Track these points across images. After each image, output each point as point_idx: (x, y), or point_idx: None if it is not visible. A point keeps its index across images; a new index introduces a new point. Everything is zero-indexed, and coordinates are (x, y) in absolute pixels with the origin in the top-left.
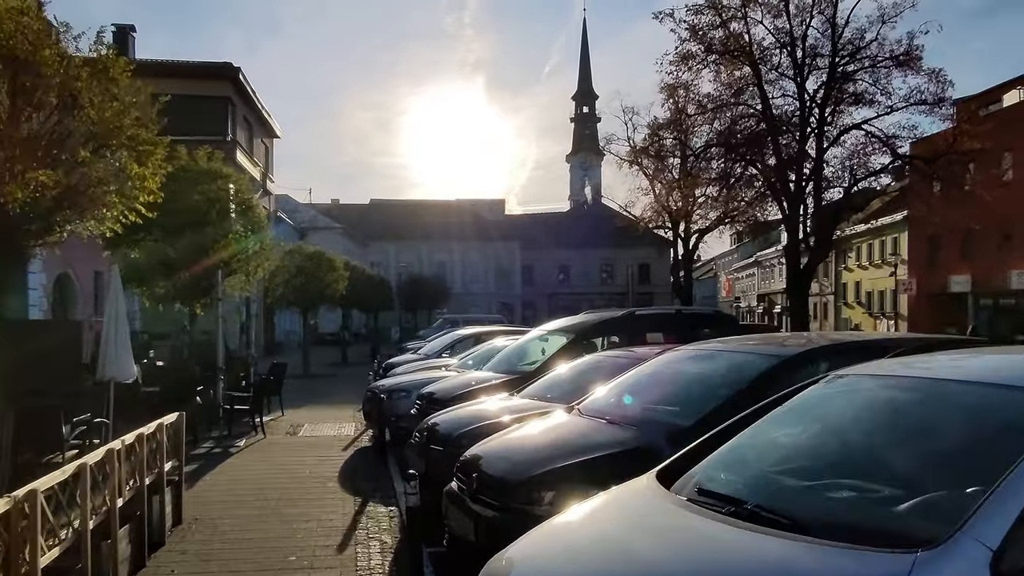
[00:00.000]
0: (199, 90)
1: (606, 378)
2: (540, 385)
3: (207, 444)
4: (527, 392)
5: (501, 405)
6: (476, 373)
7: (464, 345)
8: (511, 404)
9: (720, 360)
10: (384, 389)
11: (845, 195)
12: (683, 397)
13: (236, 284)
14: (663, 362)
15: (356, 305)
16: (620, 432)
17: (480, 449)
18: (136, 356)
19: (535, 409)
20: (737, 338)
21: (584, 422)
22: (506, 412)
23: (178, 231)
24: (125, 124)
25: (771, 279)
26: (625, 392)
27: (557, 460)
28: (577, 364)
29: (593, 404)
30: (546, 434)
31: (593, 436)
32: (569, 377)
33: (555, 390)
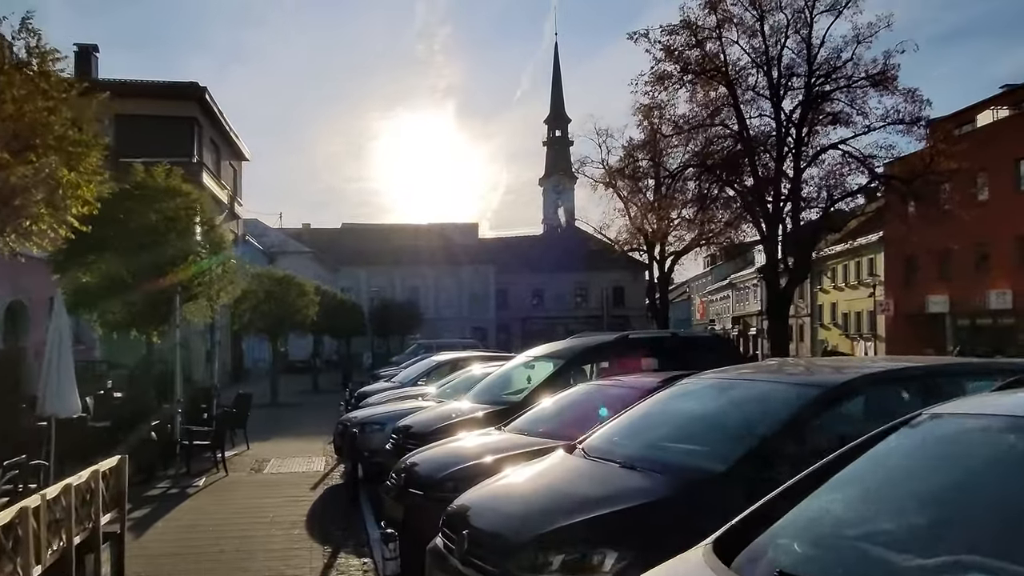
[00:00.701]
0: (164, 110)
1: (607, 410)
2: (530, 418)
3: (163, 484)
4: (516, 426)
5: (489, 441)
6: (456, 404)
7: (440, 372)
8: (500, 440)
9: (745, 390)
10: (356, 421)
11: (823, 215)
12: (710, 435)
13: (197, 310)
14: (677, 393)
15: (327, 331)
16: (639, 479)
17: (471, 498)
18: (92, 387)
19: (528, 446)
20: (754, 365)
21: (592, 465)
22: (495, 450)
23: (133, 252)
24: (53, 123)
25: (746, 301)
26: (637, 429)
27: (567, 515)
28: (570, 394)
29: (600, 443)
30: (550, 480)
31: (607, 483)
32: (562, 409)
33: (547, 424)
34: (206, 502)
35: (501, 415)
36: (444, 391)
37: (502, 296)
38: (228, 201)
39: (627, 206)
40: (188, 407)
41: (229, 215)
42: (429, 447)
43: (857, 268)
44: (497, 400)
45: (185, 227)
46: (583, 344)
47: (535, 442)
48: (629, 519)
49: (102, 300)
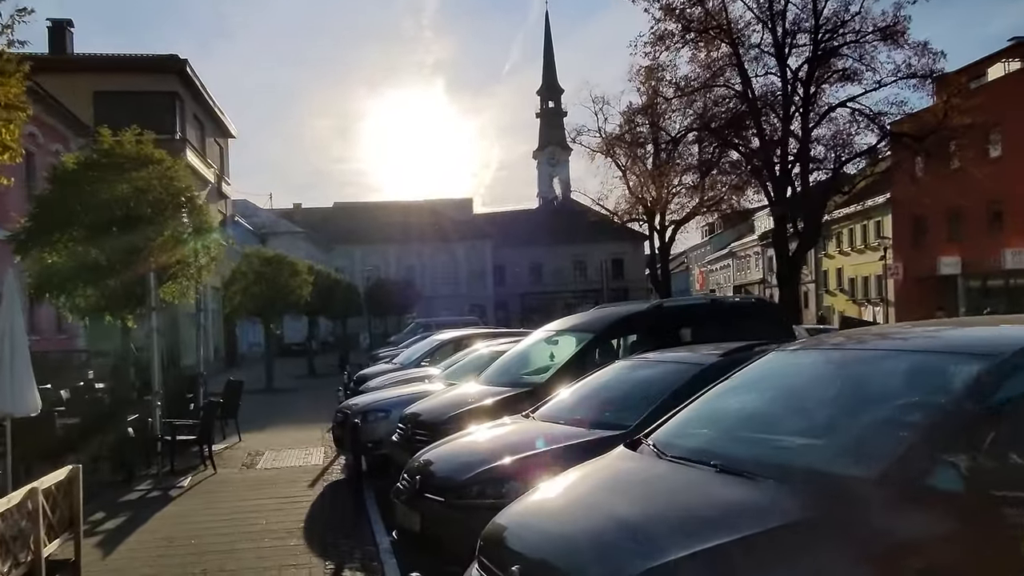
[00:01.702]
0: (143, 85)
1: (659, 392)
2: (563, 403)
3: (143, 486)
4: (547, 413)
5: (518, 433)
6: (468, 387)
7: (444, 352)
8: (531, 431)
9: (888, 363)
10: (358, 409)
11: (833, 175)
12: (852, 430)
13: (177, 291)
14: (771, 369)
15: (322, 312)
16: (753, 492)
17: (517, 517)
18: (72, 378)
19: (569, 439)
20: (875, 330)
21: (675, 470)
22: (529, 445)
23: (103, 228)
24: None
25: (747, 270)
26: (727, 417)
27: (666, 545)
28: (608, 373)
29: (677, 437)
30: (622, 490)
31: (707, 497)
32: (601, 391)
33: (585, 410)
34: (190, 507)
35: (523, 399)
36: (452, 372)
37: (499, 272)
38: (215, 180)
39: (626, 175)
40: (173, 398)
41: (216, 194)
42: (445, 441)
43: (864, 231)
44: (516, 382)
45: (160, 198)
46: (612, 315)
47: (576, 433)
48: (763, 552)
49: (70, 282)
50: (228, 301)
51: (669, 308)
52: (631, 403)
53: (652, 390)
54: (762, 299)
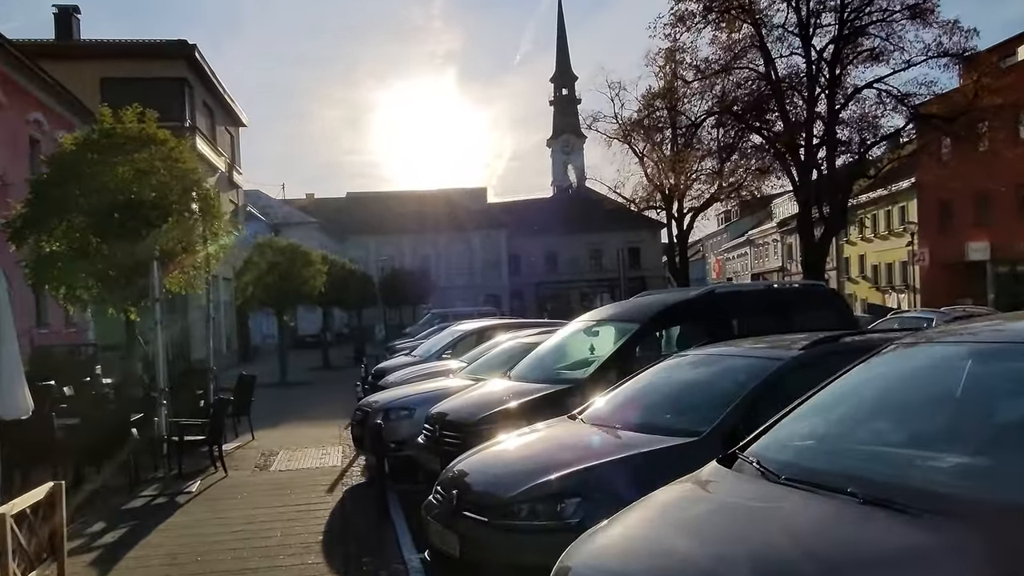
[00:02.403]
0: (151, 71)
1: (732, 392)
2: (616, 403)
3: (148, 492)
4: (597, 414)
5: (566, 439)
6: (499, 383)
7: (466, 344)
8: (581, 437)
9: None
10: (379, 406)
11: (859, 158)
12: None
13: (182, 281)
14: (902, 366)
15: (337, 303)
16: (920, 534)
17: (589, 558)
18: (79, 373)
19: (633, 447)
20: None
21: (801, 501)
22: (583, 455)
23: (103, 214)
24: None
25: (765, 258)
26: (853, 430)
27: None
28: (665, 370)
29: (786, 453)
30: (732, 528)
31: (858, 544)
32: (661, 391)
33: (644, 411)
34: (198, 516)
35: (563, 398)
36: (478, 367)
37: (515, 262)
38: (226, 168)
39: (643, 161)
40: (182, 395)
41: (227, 183)
42: (483, 448)
43: (887, 217)
44: (553, 378)
45: (164, 181)
46: (659, 303)
47: (638, 441)
48: None
49: (69, 272)
50: (240, 292)
51: (722, 295)
52: (700, 405)
53: (724, 390)
54: (821, 286)
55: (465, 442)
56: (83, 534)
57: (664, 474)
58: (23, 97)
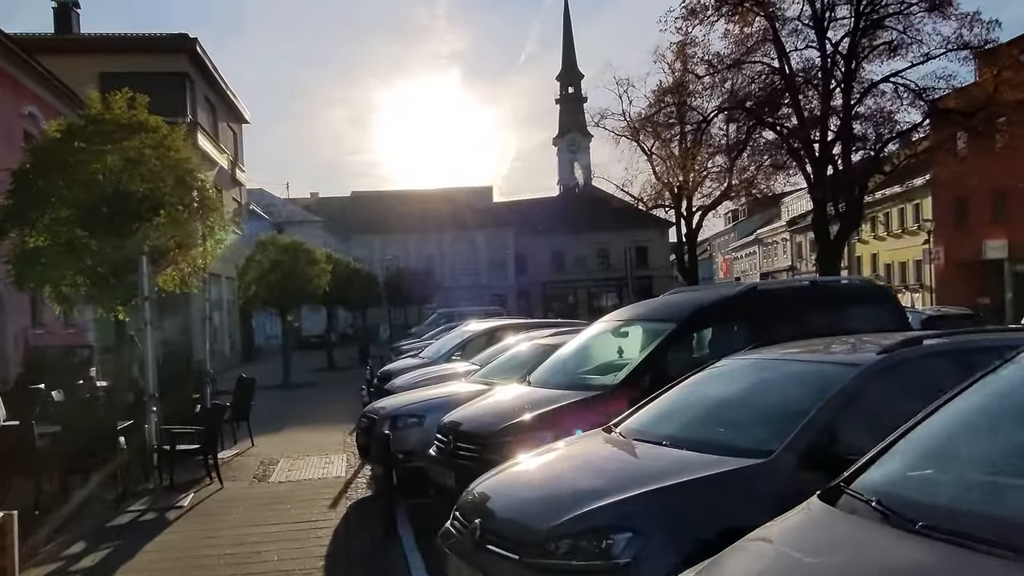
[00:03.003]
0: (151, 66)
1: (801, 404)
2: (659, 415)
3: (137, 505)
4: (637, 427)
5: (612, 457)
6: (517, 389)
7: (476, 345)
8: (628, 454)
9: None
10: (386, 413)
11: (875, 154)
12: None
13: (176, 278)
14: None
15: (341, 303)
16: None
17: None
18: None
19: (691, 468)
20: None
21: (956, 558)
22: (631, 477)
23: (90, 206)
24: None
25: (774, 256)
26: (1006, 456)
27: None
28: (715, 377)
29: (923, 493)
30: None
31: None
32: (711, 401)
33: (695, 426)
34: (188, 535)
35: (591, 406)
36: (492, 370)
37: (521, 261)
38: (228, 166)
39: (651, 159)
40: (177, 399)
41: (230, 181)
42: (507, 467)
43: (901, 215)
44: (578, 384)
45: (155, 171)
46: (695, 301)
47: (693, 461)
48: None
49: (54, 269)
50: (243, 291)
51: (764, 292)
52: (765, 419)
53: (792, 401)
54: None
55: (483, 455)
56: (60, 556)
57: (732, 503)
58: (17, 90)
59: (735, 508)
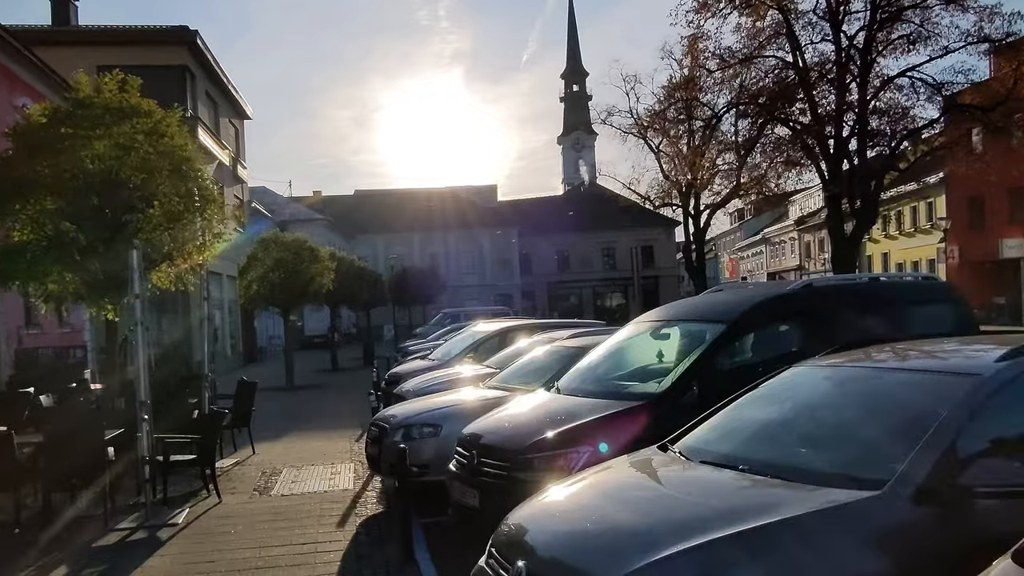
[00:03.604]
0: (150, 59)
1: (914, 423)
2: (731, 433)
3: (126, 523)
4: (706, 447)
5: (684, 487)
6: (544, 397)
7: (488, 347)
8: (703, 484)
9: None
10: (398, 422)
11: (892, 150)
12: None
13: (170, 275)
14: None
15: (345, 302)
16: None
17: None
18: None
19: (789, 503)
20: None
21: None
22: (722, 513)
23: (78, 196)
24: None
25: (782, 256)
26: None
27: None
28: (792, 389)
29: None
30: None
31: None
32: (794, 417)
33: (779, 447)
34: (180, 559)
35: (633, 418)
36: (512, 375)
37: (526, 261)
38: (230, 162)
39: (659, 157)
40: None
41: (232, 178)
42: (550, 493)
43: (913, 213)
44: (616, 392)
45: (148, 158)
46: (747, 299)
47: (786, 494)
48: None
49: (39, 264)
50: (244, 290)
51: (823, 289)
52: (865, 441)
53: (895, 419)
54: (935, 279)
55: (511, 473)
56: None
57: (841, 546)
58: (10, 82)
59: (844, 552)
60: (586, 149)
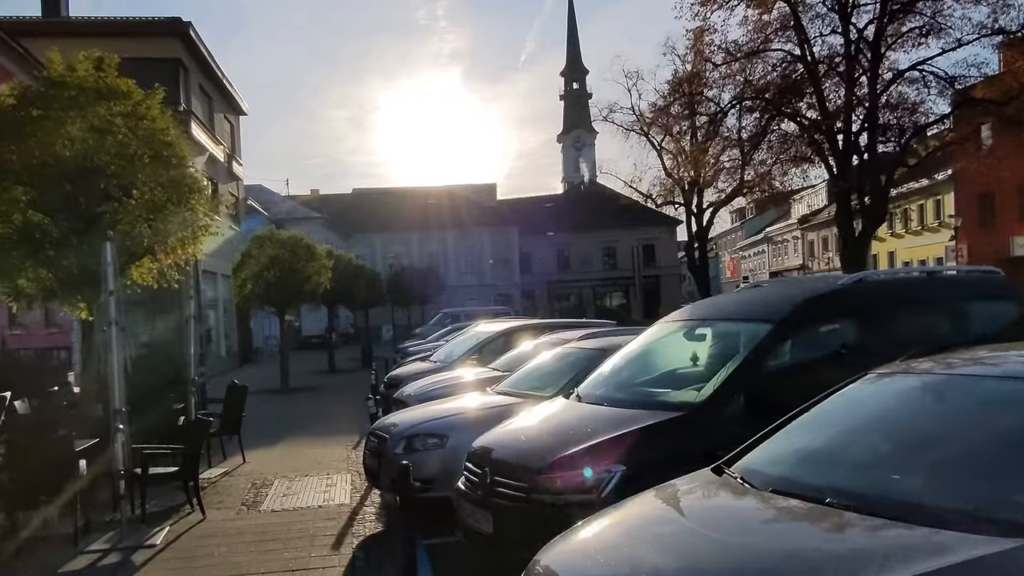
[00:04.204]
0: (142, 51)
1: None
2: (806, 454)
3: (98, 544)
4: (780, 473)
5: (758, 526)
6: (563, 404)
7: (493, 348)
8: (784, 520)
9: None
10: (399, 432)
11: (902, 146)
12: None
13: (152, 271)
14: None
15: (342, 302)
16: None
17: None
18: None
19: (917, 554)
20: None
21: None
22: (831, 560)
23: (51, 185)
24: None
25: (784, 255)
26: None
27: None
28: (876, 401)
29: None
30: None
31: None
32: (907, 437)
33: (892, 479)
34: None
35: (671, 431)
36: (522, 379)
37: (525, 260)
38: (225, 158)
39: (661, 155)
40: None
41: (227, 174)
42: (588, 530)
43: (921, 211)
44: (646, 400)
45: (126, 143)
46: (796, 295)
47: (900, 542)
48: None
49: (6, 259)
50: (238, 289)
51: (877, 284)
52: (1007, 471)
53: None
54: (996, 271)
55: (530, 495)
56: None
57: None
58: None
59: None
60: (586, 147)
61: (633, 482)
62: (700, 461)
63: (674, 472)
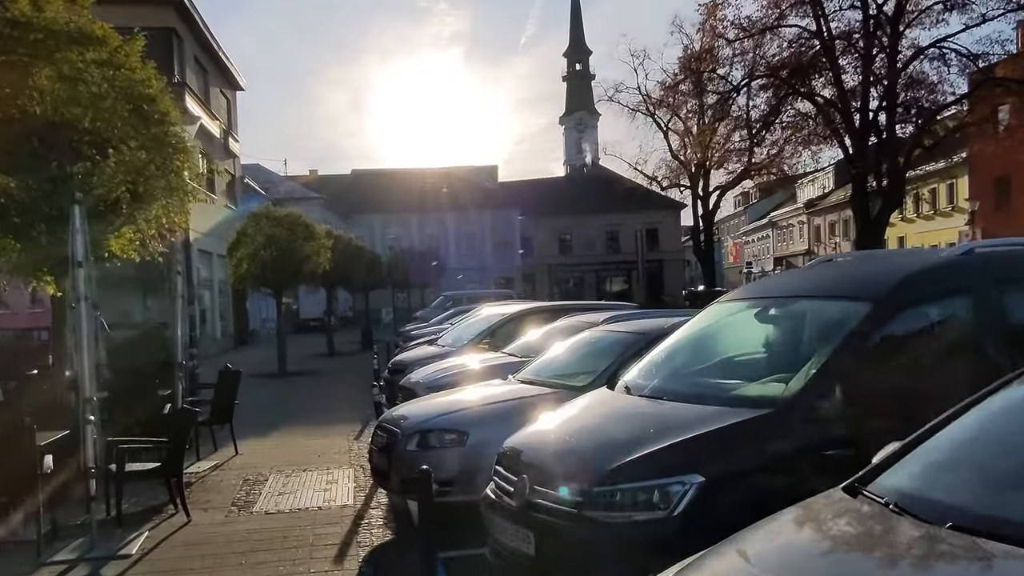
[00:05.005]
0: (133, 19)
1: None
2: (995, 477)
3: (65, 553)
4: (942, 499)
5: None
6: (608, 397)
7: (505, 332)
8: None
9: None
10: (411, 426)
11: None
12: None
13: (131, 241)
14: None
15: (342, 283)
16: None
17: None
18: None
19: None
20: None
21: None
22: None
23: (16, 145)
24: None
25: (789, 240)
26: None
27: None
28: None
29: None
30: None
31: None
32: None
33: None
34: None
35: (756, 433)
36: (548, 367)
37: (527, 243)
38: (221, 135)
39: (667, 136)
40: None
41: (223, 151)
42: (687, 570)
43: (933, 195)
44: (716, 394)
45: (100, 95)
46: (896, 270)
47: None
48: None
49: None
50: (233, 269)
51: (993, 258)
52: None
53: None
54: None
55: (582, 511)
56: None
57: None
58: None
59: None
60: (589, 129)
61: (711, 495)
62: (791, 470)
63: (760, 483)
